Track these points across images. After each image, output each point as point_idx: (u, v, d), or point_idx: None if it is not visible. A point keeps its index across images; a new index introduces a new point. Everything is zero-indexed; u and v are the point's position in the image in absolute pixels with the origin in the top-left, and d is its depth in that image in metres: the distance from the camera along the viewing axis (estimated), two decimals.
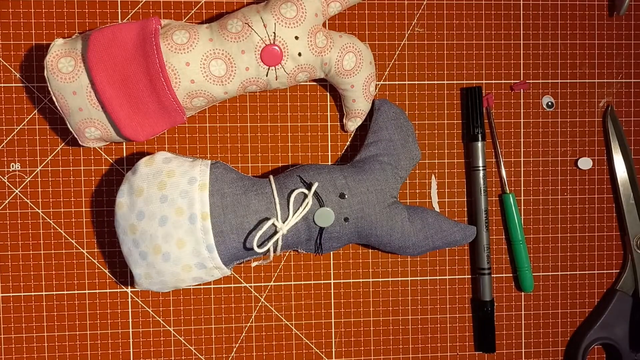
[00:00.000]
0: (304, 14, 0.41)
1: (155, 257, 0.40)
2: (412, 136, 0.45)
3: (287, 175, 0.43)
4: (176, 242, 0.40)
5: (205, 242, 0.40)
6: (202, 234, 0.40)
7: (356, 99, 0.45)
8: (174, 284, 0.41)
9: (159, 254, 0.40)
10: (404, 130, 0.45)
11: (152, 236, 0.40)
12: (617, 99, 0.50)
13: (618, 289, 0.50)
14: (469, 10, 0.49)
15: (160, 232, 0.40)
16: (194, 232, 0.40)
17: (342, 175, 0.43)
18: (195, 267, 0.40)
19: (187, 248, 0.40)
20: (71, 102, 0.40)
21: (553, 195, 0.50)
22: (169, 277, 0.41)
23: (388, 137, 0.44)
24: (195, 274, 0.41)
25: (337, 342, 0.49)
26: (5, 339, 0.46)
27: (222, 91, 0.42)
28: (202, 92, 0.41)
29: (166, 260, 0.40)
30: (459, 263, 0.49)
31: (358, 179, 0.43)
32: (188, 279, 0.41)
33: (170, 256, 0.40)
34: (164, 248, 0.40)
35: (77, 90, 0.40)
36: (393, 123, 0.45)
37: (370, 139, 0.45)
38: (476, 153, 0.48)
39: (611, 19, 0.50)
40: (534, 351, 0.50)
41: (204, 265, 0.40)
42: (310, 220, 0.42)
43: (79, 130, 0.41)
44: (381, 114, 0.45)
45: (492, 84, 0.49)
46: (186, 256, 0.40)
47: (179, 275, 0.40)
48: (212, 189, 0.40)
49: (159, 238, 0.40)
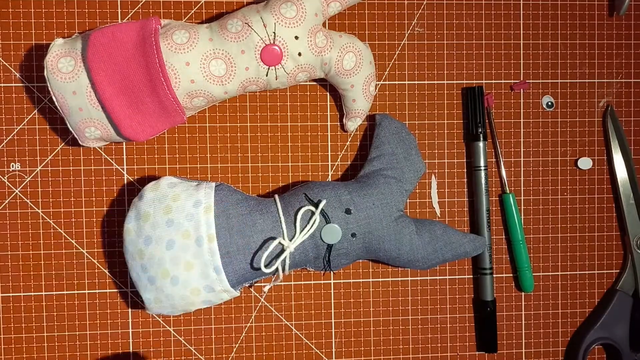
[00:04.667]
0: (304, 14, 0.41)
1: (163, 281, 0.40)
2: (415, 149, 0.45)
3: (292, 193, 0.43)
4: (184, 266, 0.40)
5: (212, 264, 0.40)
6: (210, 256, 0.40)
7: (356, 98, 0.45)
8: (183, 307, 0.41)
9: (168, 278, 0.40)
10: (407, 144, 0.45)
11: (160, 260, 0.40)
12: (617, 99, 0.50)
13: (618, 289, 0.50)
14: (469, 10, 0.49)
15: (168, 256, 0.40)
16: (201, 255, 0.40)
17: (347, 191, 0.43)
18: (204, 290, 0.41)
19: (195, 271, 0.40)
20: (71, 102, 0.40)
21: (553, 195, 0.50)
22: (179, 301, 0.41)
23: (391, 151, 0.44)
24: (204, 297, 0.41)
25: (337, 342, 0.49)
26: (5, 339, 0.46)
27: (222, 91, 0.42)
28: (202, 92, 0.41)
29: (175, 284, 0.40)
30: (460, 263, 0.49)
31: (363, 194, 0.43)
32: (197, 302, 0.41)
33: (178, 280, 0.40)
34: (172, 272, 0.40)
35: (77, 90, 0.40)
36: (395, 137, 0.45)
37: (373, 154, 0.45)
38: (478, 153, 0.48)
39: (611, 19, 0.50)
40: (534, 351, 0.50)
41: (212, 288, 0.41)
42: (317, 237, 0.42)
43: (79, 130, 0.41)
44: (382, 129, 0.45)
45: (492, 84, 0.49)
46: (194, 279, 0.40)
47: (188, 298, 0.41)
48: (218, 210, 0.41)
49: (166, 262, 0.40)
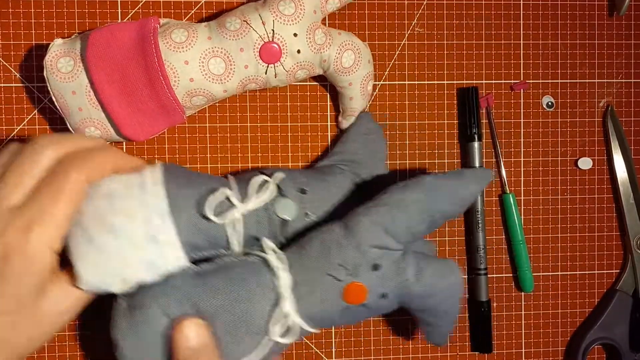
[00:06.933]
0: (302, 11, 0.41)
1: (101, 235, 0.35)
2: (381, 155, 0.45)
3: (245, 171, 0.42)
4: (125, 214, 0.36)
5: (157, 211, 0.36)
6: (154, 199, 0.36)
7: (353, 97, 0.45)
8: (121, 274, 0.36)
9: (105, 229, 0.35)
10: (372, 148, 0.44)
11: (101, 214, 0.36)
12: (617, 99, 0.50)
13: (618, 289, 0.50)
14: (469, 10, 0.49)
15: (107, 205, 0.36)
16: (144, 199, 0.36)
17: (302, 175, 0.42)
18: (147, 242, 0.36)
19: (137, 219, 0.36)
20: (70, 101, 0.40)
21: (553, 195, 0.50)
22: (117, 262, 0.36)
23: (353, 150, 0.44)
24: (147, 253, 0.36)
25: (337, 342, 0.49)
26: None
27: (222, 89, 0.42)
28: (201, 91, 0.41)
29: (113, 235, 0.35)
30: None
31: (319, 178, 0.42)
32: (138, 262, 0.36)
33: (117, 231, 0.35)
34: (111, 222, 0.36)
35: (76, 90, 0.40)
36: (363, 138, 0.44)
37: (337, 149, 0.45)
38: (472, 153, 0.48)
39: (611, 19, 0.50)
40: (534, 351, 0.50)
41: (155, 238, 0.36)
42: (271, 212, 0.39)
43: (79, 130, 0.41)
44: (355, 127, 0.45)
45: (492, 84, 0.49)
46: (136, 229, 0.36)
47: (128, 256, 0.36)
48: (164, 169, 0.38)
49: (107, 214, 0.36)
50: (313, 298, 0.37)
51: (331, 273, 0.37)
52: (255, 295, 0.37)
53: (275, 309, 0.37)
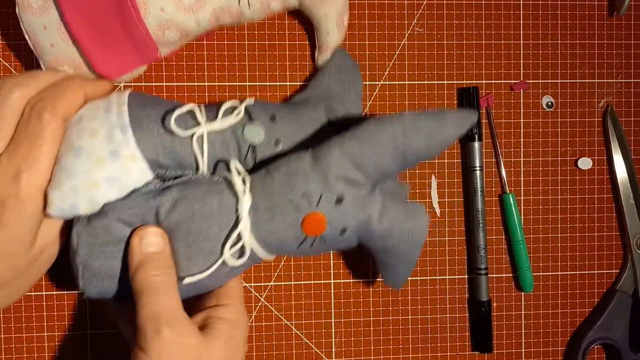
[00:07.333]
0: None
1: (67, 157, 0.36)
2: (355, 90, 0.43)
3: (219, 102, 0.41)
4: (89, 133, 0.36)
5: (119, 125, 0.37)
6: (117, 118, 0.37)
7: (330, 31, 0.44)
8: (86, 194, 0.36)
9: (72, 151, 0.36)
10: (347, 82, 0.44)
11: (67, 137, 0.37)
12: (617, 99, 0.50)
13: (618, 289, 0.50)
14: (469, 10, 0.49)
15: (75, 130, 0.37)
16: (108, 119, 0.37)
17: (274, 105, 0.41)
18: (109, 158, 0.36)
19: (100, 136, 0.36)
20: (42, 37, 0.40)
21: (553, 195, 0.50)
22: (80, 179, 0.36)
23: (327, 85, 0.43)
24: (110, 169, 0.36)
25: (337, 342, 0.49)
26: (6, 339, 0.46)
27: (194, 21, 0.40)
28: (173, 23, 0.40)
29: (78, 155, 0.36)
30: (456, 263, 0.49)
31: (291, 109, 0.41)
32: (102, 179, 0.36)
33: (82, 150, 0.36)
34: (76, 143, 0.36)
35: (47, 25, 0.39)
36: (337, 72, 0.44)
37: (311, 83, 0.44)
38: (473, 153, 0.48)
39: (611, 19, 0.50)
40: (534, 351, 0.50)
41: (117, 153, 0.36)
42: (239, 135, 0.39)
43: (53, 68, 0.41)
44: (330, 62, 0.44)
45: (492, 84, 0.49)
46: (99, 145, 0.36)
47: (91, 173, 0.36)
48: (132, 94, 0.38)
49: (72, 136, 0.37)
50: (272, 225, 0.37)
51: (294, 201, 0.36)
52: (215, 214, 0.36)
53: (233, 230, 0.36)
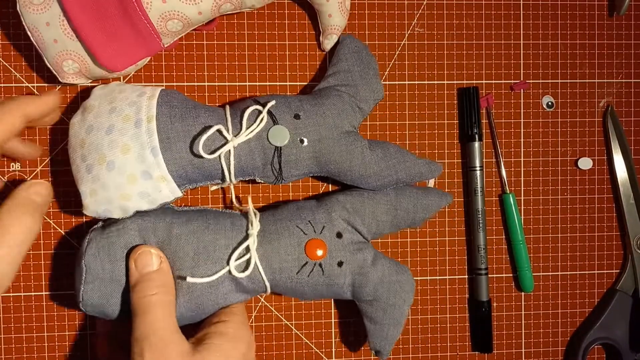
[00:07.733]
0: None
1: (100, 168, 0.39)
2: (374, 70, 0.44)
3: (241, 100, 0.42)
4: (121, 148, 0.38)
5: (150, 145, 0.38)
6: (147, 137, 0.39)
7: (332, 13, 0.44)
8: (120, 203, 0.39)
9: (104, 163, 0.38)
10: (364, 63, 0.44)
11: (98, 146, 0.39)
12: (617, 99, 0.50)
13: (618, 289, 0.50)
14: (469, 10, 0.49)
15: (107, 141, 0.38)
16: (139, 136, 0.38)
17: (297, 99, 0.42)
18: (141, 178, 0.39)
19: (132, 154, 0.38)
20: (45, 34, 0.40)
21: (553, 195, 0.50)
22: (114, 192, 0.39)
23: (347, 68, 0.44)
24: (141, 187, 0.39)
25: (337, 342, 0.49)
26: (5, 339, 0.46)
27: (196, 11, 0.40)
28: (175, 13, 0.40)
29: (110, 169, 0.38)
30: (456, 263, 0.49)
31: (314, 102, 0.42)
32: (134, 194, 0.39)
33: (114, 164, 0.38)
34: (108, 156, 0.38)
35: (50, 21, 0.39)
36: (354, 55, 0.44)
37: (330, 71, 0.45)
38: (473, 153, 0.48)
39: (611, 19, 0.50)
40: (534, 351, 0.50)
41: (149, 174, 0.39)
42: (264, 139, 0.40)
43: (57, 64, 0.41)
44: (342, 47, 0.45)
45: (492, 84, 0.49)
46: (131, 163, 0.38)
47: (124, 188, 0.39)
48: (161, 100, 0.40)
49: (104, 147, 0.38)
50: (277, 243, 0.41)
51: (299, 226, 0.42)
52: (226, 230, 0.41)
53: (241, 244, 0.40)
